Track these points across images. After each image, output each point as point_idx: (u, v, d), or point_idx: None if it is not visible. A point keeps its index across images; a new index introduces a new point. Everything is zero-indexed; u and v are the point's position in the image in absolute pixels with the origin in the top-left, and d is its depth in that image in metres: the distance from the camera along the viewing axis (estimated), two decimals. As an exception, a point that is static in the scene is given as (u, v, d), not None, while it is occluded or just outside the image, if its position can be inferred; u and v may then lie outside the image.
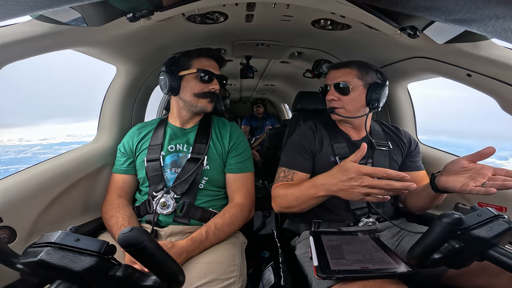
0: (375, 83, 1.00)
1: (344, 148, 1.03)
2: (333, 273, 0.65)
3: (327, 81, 1.05)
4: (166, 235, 0.97)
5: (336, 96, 1.00)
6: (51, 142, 69.62)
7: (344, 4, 0.82)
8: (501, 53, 0.81)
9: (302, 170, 1.00)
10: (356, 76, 0.99)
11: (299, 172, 1.00)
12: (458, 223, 0.52)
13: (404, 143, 1.07)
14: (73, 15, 0.72)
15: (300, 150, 1.04)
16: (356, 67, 1.01)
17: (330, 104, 1.03)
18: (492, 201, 0.97)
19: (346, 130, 1.08)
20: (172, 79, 1.03)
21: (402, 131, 1.11)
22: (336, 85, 1.00)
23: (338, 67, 1.04)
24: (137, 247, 0.43)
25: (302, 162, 1.02)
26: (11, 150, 58.11)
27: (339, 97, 1.00)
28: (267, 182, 1.93)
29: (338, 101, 1.00)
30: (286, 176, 1.01)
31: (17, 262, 0.46)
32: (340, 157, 1.01)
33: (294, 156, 1.04)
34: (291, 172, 1.01)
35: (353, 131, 1.07)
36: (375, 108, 1.01)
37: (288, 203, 0.91)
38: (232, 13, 1.01)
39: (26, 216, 0.84)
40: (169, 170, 1.03)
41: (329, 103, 1.04)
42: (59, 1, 0.37)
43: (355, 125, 1.06)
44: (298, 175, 1.00)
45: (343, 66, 1.03)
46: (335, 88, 1.01)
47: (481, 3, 0.33)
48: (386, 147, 1.04)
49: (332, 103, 1.02)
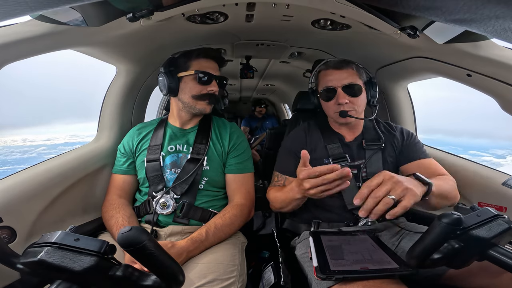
0: (369, 81, 1.01)
1: (338, 148, 1.02)
2: (333, 274, 0.65)
3: (330, 83, 0.99)
4: (166, 235, 0.97)
5: (347, 99, 0.96)
6: (55, 143, 69.66)
7: (344, 4, 0.82)
8: (501, 53, 0.81)
9: (292, 175, 1.00)
10: (358, 75, 0.99)
11: (290, 177, 1.02)
12: (458, 223, 0.52)
13: (397, 139, 1.04)
14: (73, 15, 0.72)
15: (291, 154, 1.04)
16: (355, 66, 1.00)
17: (340, 108, 0.97)
18: (492, 201, 0.97)
19: (341, 131, 1.07)
20: (171, 80, 1.03)
21: (393, 126, 1.08)
22: (346, 87, 0.96)
23: (340, 67, 0.99)
24: (137, 247, 0.43)
25: (292, 167, 0.99)
26: (16, 150, 58.17)
27: (350, 99, 0.96)
28: (267, 182, 1.93)
29: (349, 104, 0.96)
30: (279, 181, 1.05)
31: (17, 262, 0.46)
32: (334, 158, 1.01)
33: (286, 161, 1.06)
34: (283, 178, 1.05)
35: (347, 132, 1.06)
36: (375, 105, 1.01)
37: (279, 205, 0.97)
38: (232, 13, 1.01)
39: (26, 216, 0.84)
40: (169, 171, 1.03)
41: (337, 107, 0.98)
42: (59, 1, 0.37)
43: (352, 126, 1.05)
44: (289, 180, 1.01)
45: (345, 66, 0.99)
46: (344, 90, 0.96)
47: (481, 3, 0.33)
48: (378, 146, 1.02)
49: (344, 106, 0.96)
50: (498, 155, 46.52)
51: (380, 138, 1.04)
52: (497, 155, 45.32)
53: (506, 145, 69.23)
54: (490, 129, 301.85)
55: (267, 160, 1.93)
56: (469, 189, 1.07)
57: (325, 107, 1.05)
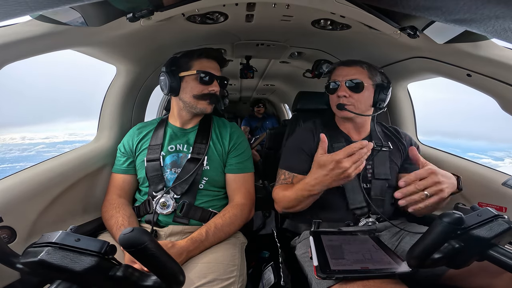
0: (381, 84, 1.01)
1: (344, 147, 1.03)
2: (333, 273, 0.65)
3: (337, 77, 1.02)
4: (166, 235, 0.97)
5: (347, 93, 0.99)
6: (54, 141, 69.51)
7: (344, 4, 0.82)
8: (501, 53, 0.81)
9: (301, 173, 1.00)
10: (367, 75, 1.00)
11: (298, 175, 1.01)
12: (459, 222, 0.52)
13: (405, 146, 1.06)
14: (73, 15, 0.72)
15: (299, 152, 1.04)
16: (367, 66, 1.01)
17: (339, 101, 1.00)
18: (492, 201, 0.97)
19: (347, 131, 1.07)
20: (172, 80, 1.03)
21: (402, 133, 1.10)
22: (348, 82, 0.99)
23: (349, 64, 1.02)
24: (138, 248, 0.43)
25: (302, 164, 1.01)
26: (15, 148, 58.06)
27: (350, 94, 0.99)
28: (267, 182, 1.92)
29: (349, 98, 0.99)
30: (286, 179, 1.03)
31: (17, 262, 0.46)
32: None
33: (294, 159, 1.05)
34: (291, 175, 1.03)
35: (354, 132, 1.07)
36: (381, 109, 1.01)
37: (288, 204, 0.94)
38: (232, 13, 1.01)
39: (26, 216, 0.84)
40: (169, 170, 1.03)
41: (337, 99, 1.01)
42: (59, 1, 0.37)
43: (358, 125, 1.05)
44: (298, 178, 1.00)
45: (355, 64, 1.02)
46: (346, 85, 0.99)
47: (481, 3, 0.33)
48: (386, 147, 1.04)
49: (343, 99, 0.99)
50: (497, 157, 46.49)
51: (389, 141, 1.06)
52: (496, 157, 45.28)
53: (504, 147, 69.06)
54: (489, 131, 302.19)
55: (267, 160, 1.93)
56: (469, 189, 1.06)
57: (330, 101, 1.07)
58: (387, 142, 1.06)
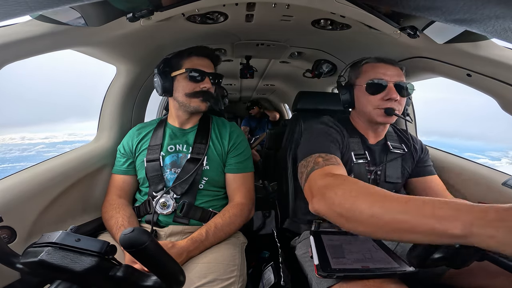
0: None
1: (358, 143, 0.98)
2: (334, 272, 0.65)
3: (382, 76, 0.91)
4: (166, 235, 0.97)
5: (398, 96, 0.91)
6: (53, 141, 69.43)
7: (344, 4, 0.82)
8: (501, 53, 0.81)
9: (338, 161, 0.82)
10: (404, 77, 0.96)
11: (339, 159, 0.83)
12: None
13: (416, 151, 1.04)
14: (73, 15, 0.72)
15: (331, 138, 0.91)
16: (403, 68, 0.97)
17: (386, 104, 0.90)
18: (492, 201, 0.97)
19: (364, 131, 1.02)
20: (165, 80, 1.04)
21: (414, 138, 1.08)
22: (398, 84, 0.91)
23: (391, 63, 0.95)
24: (139, 248, 0.43)
25: (337, 151, 0.87)
26: (15, 148, 58.00)
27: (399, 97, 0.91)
28: (267, 182, 1.93)
29: (397, 102, 0.91)
30: (328, 159, 0.78)
31: (17, 262, 0.46)
32: (355, 154, 0.96)
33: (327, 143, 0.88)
34: (331, 156, 0.80)
35: (372, 134, 1.02)
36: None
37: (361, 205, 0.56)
38: (232, 13, 1.01)
39: (26, 216, 0.84)
40: (169, 171, 1.03)
41: (383, 102, 0.91)
42: (59, 1, 0.37)
43: (379, 128, 1.00)
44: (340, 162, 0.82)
45: (396, 64, 0.96)
46: (396, 87, 0.91)
47: (481, 3, 0.33)
48: (401, 150, 1.01)
49: (392, 103, 0.90)
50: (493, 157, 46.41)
51: (403, 144, 1.04)
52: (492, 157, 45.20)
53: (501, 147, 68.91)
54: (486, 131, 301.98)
55: (267, 160, 1.93)
56: (469, 189, 1.07)
57: (364, 102, 0.95)
58: (402, 145, 1.04)
